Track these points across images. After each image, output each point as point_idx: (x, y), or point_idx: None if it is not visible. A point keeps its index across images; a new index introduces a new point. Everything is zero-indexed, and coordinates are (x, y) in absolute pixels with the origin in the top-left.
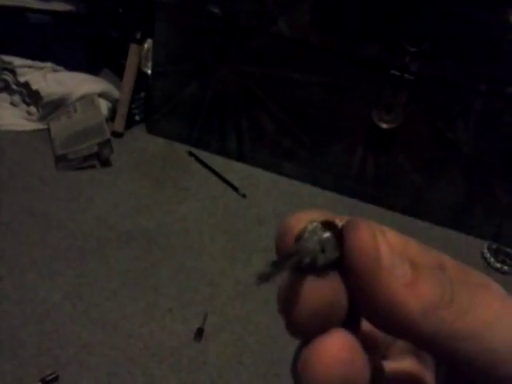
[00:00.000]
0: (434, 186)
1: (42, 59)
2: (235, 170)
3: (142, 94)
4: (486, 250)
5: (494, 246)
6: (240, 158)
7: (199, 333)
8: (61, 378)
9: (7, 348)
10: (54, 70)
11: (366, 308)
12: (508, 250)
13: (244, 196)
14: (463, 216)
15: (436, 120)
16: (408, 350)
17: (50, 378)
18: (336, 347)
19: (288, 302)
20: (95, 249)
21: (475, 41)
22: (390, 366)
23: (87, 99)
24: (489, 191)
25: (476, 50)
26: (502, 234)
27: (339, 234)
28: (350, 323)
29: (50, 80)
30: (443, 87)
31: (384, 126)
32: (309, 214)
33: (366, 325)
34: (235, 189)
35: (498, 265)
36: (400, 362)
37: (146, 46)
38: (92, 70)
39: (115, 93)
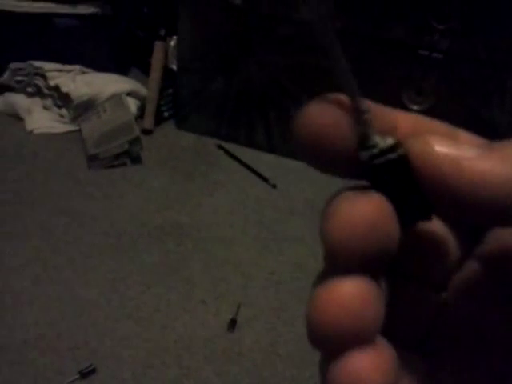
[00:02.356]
0: None
1: (71, 62)
2: (265, 161)
3: (170, 91)
4: None
5: None
6: (269, 148)
7: (232, 324)
8: (98, 370)
9: (46, 342)
10: (83, 72)
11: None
12: None
13: (274, 186)
14: None
15: (469, 99)
16: (475, 287)
17: (88, 370)
18: (348, 294)
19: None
20: (128, 244)
21: (506, 14)
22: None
23: (116, 99)
24: None
25: (507, 23)
26: None
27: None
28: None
29: (79, 82)
30: (475, 65)
31: (415, 107)
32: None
33: None
34: (265, 179)
35: None
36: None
37: (171, 43)
38: (120, 69)
39: (143, 91)
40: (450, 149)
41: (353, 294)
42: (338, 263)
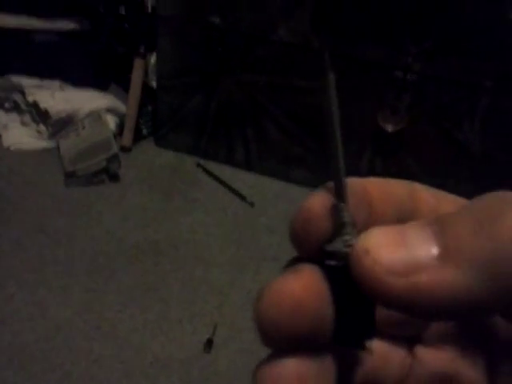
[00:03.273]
0: (443, 188)
1: (50, 77)
2: (243, 179)
3: (149, 108)
4: None
5: None
6: (248, 167)
7: (209, 344)
8: None
9: (19, 364)
10: (62, 88)
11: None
12: None
13: (252, 205)
14: None
15: (442, 120)
16: (449, 334)
17: None
18: (297, 289)
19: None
20: (105, 263)
21: (478, 37)
22: (423, 354)
23: (95, 115)
24: (499, 189)
25: (479, 47)
26: None
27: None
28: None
29: (58, 98)
30: (448, 86)
31: (390, 128)
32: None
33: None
34: (243, 198)
35: None
36: (435, 352)
37: (151, 60)
38: (99, 85)
39: (122, 108)
40: (398, 258)
41: (288, 377)
42: (268, 344)
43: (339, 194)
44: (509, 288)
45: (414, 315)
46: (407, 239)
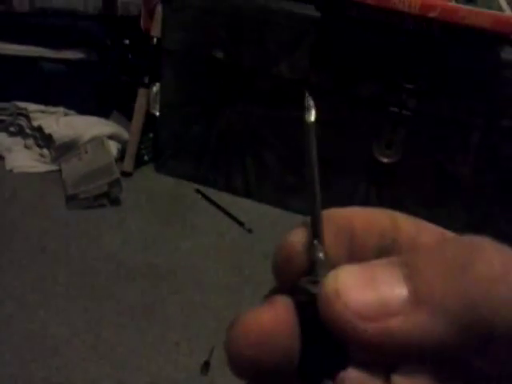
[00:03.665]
0: (436, 219)
1: (54, 104)
2: (241, 206)
3: (151, 135)
4: None
5: None
6: (246, 194)
7: (206, 366)
8: None
9: (18, 383)
10: (66, 114)
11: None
12: None
13: (250, 231)
14: None
15: (435, 154)
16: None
17: None
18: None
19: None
20: (104, 285)
21: (469, 77)
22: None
23: (97, 141)
24: (490, 223)
25: (470, 87)
26: None
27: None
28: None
29: (62, 124)
30: (441, 122)
31: (385, 160)
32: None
33: None
34: (241, 224)
35: None
36: (412, 381)
37: (154, 89)
38: (102, 113)
39: (124, 134)
40: (368, 302)
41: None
42: (235, 373)
43: (315, 230)
44: (480, 335)
45: (384, 358)
46: (377, 281)
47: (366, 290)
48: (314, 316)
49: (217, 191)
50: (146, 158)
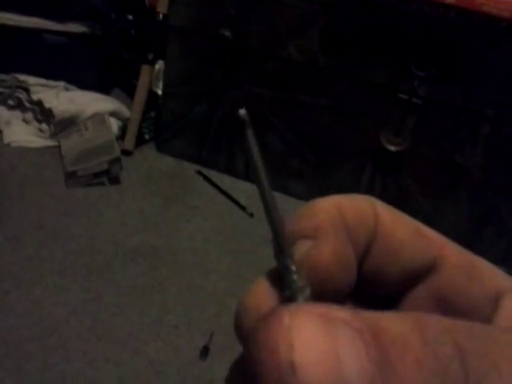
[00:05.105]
0: (441, 210)
1: (56, 78)
2: (243, 189)
3: (152, 114)
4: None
5: (502, 269)
6: (247, 177)
7: (205, 351)
8: None
9: (13, 362)
10: (67, 89)
11: None
12: None
13: (251, 215)
14: (472, 240)
15: (444, 144)
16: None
17: None
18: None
19: None
20: (102, 265)
21: (482, 67)
22: None
23: (98, 118)
24: (496, 215)
25: (483, 76)
26: (509, 257)
27: None
28: None
29: (63, 98)
30: (451, 112)
31: (392, 148)
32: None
33: None
34: (243, 208)
35: None
36: None
37: (157, 67)
38: (104, 89)
39: (126, 112)
40: (324, 374)
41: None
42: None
43: (280, 247)
44: None
45: None
46: (340, 358)
47: (327, 373)
48: None
49: (218, 173)
50: (147, 136)
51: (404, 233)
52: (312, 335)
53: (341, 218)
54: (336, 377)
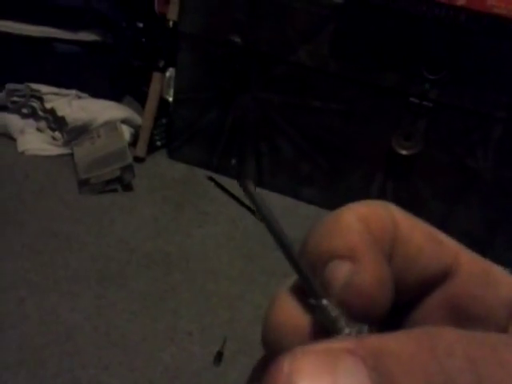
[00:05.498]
0: (453, 214)
1: (68, 87)
2: None
3: (164, 121)
4: None
5: None
6: (259, 183)
7: (219, 356)
8: None
9: (29, 368)
10: (79, 97)
11: None
12: None
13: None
14: (484, 244)
15: (455, 147)
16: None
17: None
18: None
19: None
20: (116, 271)
21: (493, 69)
22: None
23: (110, 125)
24: (508, 219)
25: (494, 78)
26: None
27: None
28: None
29: (75, 106)
30: (462, 115)
31: (404, 152)
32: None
33: None
34: (254, 212)
35: None
36: None
37: (167, 74)
38: (115, 97)
39: (137, 119)
40: None
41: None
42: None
43: (311, 291)
44: None
45: None
46: None
47: None
48: None
49: (229, 179)
50: (158, 143)
51: (421, 239)
52: (311, 374)
53: (370, 234)
54: None
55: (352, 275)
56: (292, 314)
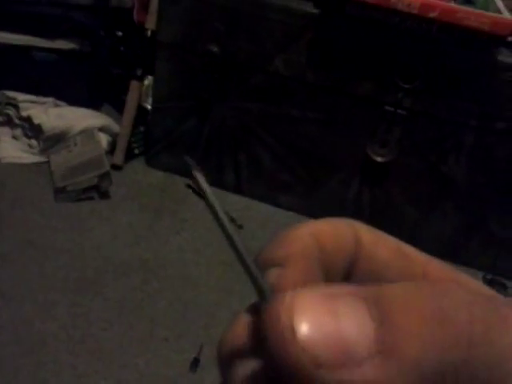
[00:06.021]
0: (428, 220)
1: (45, 94)
2: (232, 202)
3: (142, 129)
4: (480, 281)
5: (489, 276)
6: (237, 190)
7: (195, 363)
8: None
9: (2, 378)
10: (56, 105)
11: None
12: (503, 280)
13: (241, 227)
14: (458, 249)
15: (429, 154)
16: None
17: None
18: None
19: None
20: (92, 279)
21: (465, 79)
22: None
23: (87, 133)
24: (483, 224)
25: (466, 88)
26: (497, 266)
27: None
28: None
29: (52, 114)
30: (435, 122)
31: (379, 159)
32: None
33: None
34: (232, 220)
35: None
36: None
37: (146, 82)
38: (93, 105)
39: (115, 127)
40: (329, 346)
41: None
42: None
43: (262, 294)
44: None
45: None
46: (341, 319)
47: (327, 331)
48: None
49: (207, 186)
50: (136, 151)
51: (386, 254)
52: (312, 304)
53: (316, 245)
54: (335, 333)
55: (277, 278)
56: (242, 330)
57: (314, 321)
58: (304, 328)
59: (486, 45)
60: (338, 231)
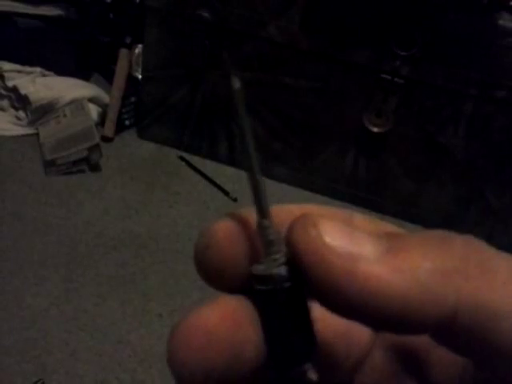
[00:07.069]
0: (425, 191)
1: (31, 64)
2: (226, 175)
3: (133, 99)
4: None
5: None
6: (231, 162)
7: None
8: None
9: None
10: (43, 75)
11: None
12: None
13: (235, 200)
14: (455, 220)
15: (426, 124)
16: (386, 371)
17: None
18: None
19: None
20: (83, 254)
21: (465, 45)
22: None
23: (77, 104)
24: (480, 196)
25: (466, 55)
26: (493, 238)
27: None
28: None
29: (39, 85)
30: (433, 91)
31: (375, 129)
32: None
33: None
34: (226, 193)
35: None
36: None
37: (136, 50)
38: (82, 75)
39: (105, 97)
40: (343, 242)
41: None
42: None
43: (261, 210)
44: (444, 308)
45: (343, 309)
46: (356, 237)
47: (343, 236)
48: (278, 303)
49: (201, 158)
50: (127, 122)
51: None
52: (333, 224)
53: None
54: (352, 239)
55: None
56: (224, 237)
57: (333, 228)
58: (324, 225)
59: (487, 9)
60: (327, 210)
